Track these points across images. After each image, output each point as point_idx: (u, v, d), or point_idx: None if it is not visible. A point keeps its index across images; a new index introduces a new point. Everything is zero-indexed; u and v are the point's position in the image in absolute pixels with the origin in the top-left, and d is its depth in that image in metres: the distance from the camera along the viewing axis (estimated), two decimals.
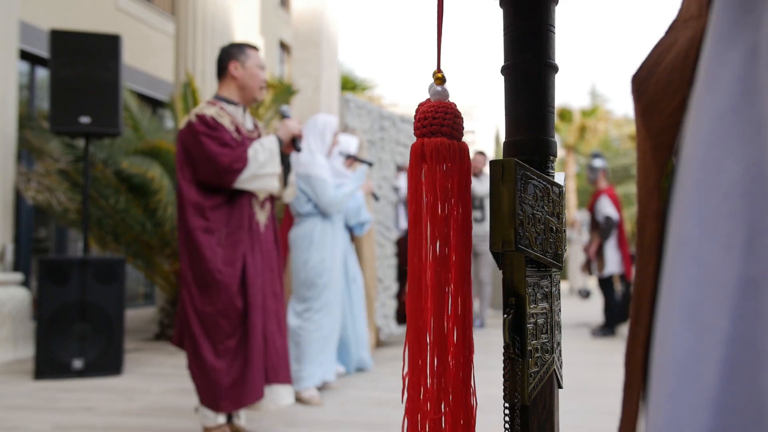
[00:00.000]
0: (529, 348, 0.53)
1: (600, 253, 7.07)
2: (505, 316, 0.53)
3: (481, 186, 7.49)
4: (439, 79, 0.60)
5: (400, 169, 5.38)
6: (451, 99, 0.61)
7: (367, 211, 4.58)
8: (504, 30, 0.58)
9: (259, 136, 3.04)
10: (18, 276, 5.40)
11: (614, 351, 5.96)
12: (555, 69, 0.58)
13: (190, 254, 2.78)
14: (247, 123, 3.01)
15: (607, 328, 7.09)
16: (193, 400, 3.69)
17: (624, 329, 7.43)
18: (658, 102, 0.42)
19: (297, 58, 9.07)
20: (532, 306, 0.53)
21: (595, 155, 7.40)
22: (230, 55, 2.97)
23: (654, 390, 0.37)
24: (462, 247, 0.55)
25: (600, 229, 7.06)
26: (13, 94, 5.48)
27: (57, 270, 4.55)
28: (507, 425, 0.53)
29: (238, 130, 2.90)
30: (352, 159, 4.26)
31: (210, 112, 2.85)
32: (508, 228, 0.52)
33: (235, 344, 2.75)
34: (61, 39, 4.71)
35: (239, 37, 9.93)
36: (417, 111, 0.60)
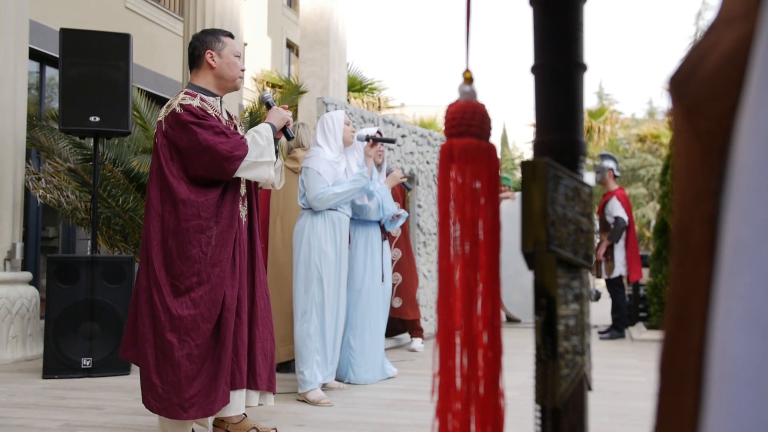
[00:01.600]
0: (560, 350, 0.52)
1: (609, 255, 7.05)
2: (537, 317, 0.53)
3: None
4: (468, 78, 0.59)
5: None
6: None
7: (394, 205, 4.51)
8: (533, 29, 0.58)
9: (236, 127, 2.91)
10: (27, 275, 5.42)
11: (622, 353, 5.94)
12: (584, 68, 0.58)
13: (166, 254, 2.61)
14: (224, 114, 2.88)
15: (615, 330, 7.07)
16: None
17: (633, 332, 7.40)
18: (704, 103, 0.41)
19: (304, 58, 9.08)
20: (563, 307, 0.53)
21: (605, 156, 7.38)
22: (205, 43, 2.83)
23: (714, 399, 0.36)
24: (491, 248, 0.55)
25: (610, 230, 7.04)
26: (23, 93, 5.49)
27: (66, 269, 4.56)
28: (539, 428, 0.52)
29: (219, 120, 2.77)
30: (372, 141, 4.14)
31: (194, 102, 2.70)
32: (540, 228, 0.52)
33: (207, 349, 2.61)
34: (71, 38, 4.72)
35: (247, 37, 9.95)
36: (446, 111, 0.60)
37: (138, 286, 2.70)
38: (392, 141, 4.33)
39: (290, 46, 15.46)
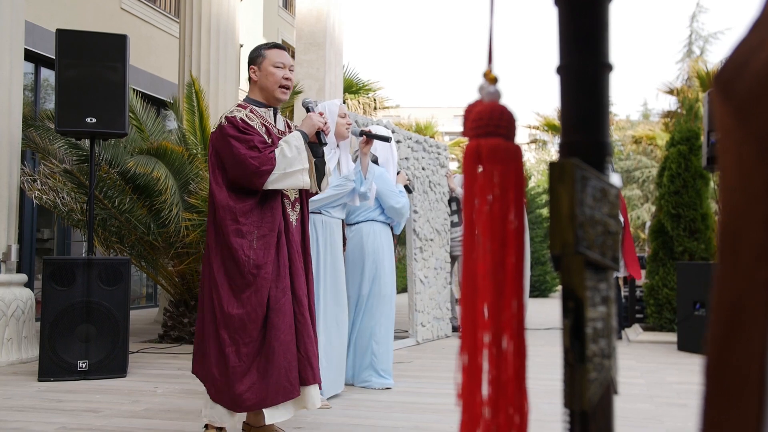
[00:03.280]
0: (588, 353, 0.52)
1: None
2: (565, 320, 0.52)
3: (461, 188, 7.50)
4: (492, 79, 0.58)
5: None
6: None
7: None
8: (558, 29, 0.57)
9: None
10: (22, 277, 5.39)
11: (620, 355, 5.94)
12: (610, 68, 0.57)
13: (222, 257, 2.79)
14: (279, 124, 3.02)
15: None
16: (198, 402, 3.67)
17: (630, 333, 7.40)
18: (756, 104, 0.40)
19: (300, 60, 9.06)
20: (591, 310, 0.52)
21: None
22: (250, 60, 3.03)
23: None
24: (518, 249, 0.54)
25: None
26: (19, 95, 5.46)
27: (62, 271, 4.53)
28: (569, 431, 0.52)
29: (268, 131, 2.91)
30: (366, 137, 3.95)
31: (240, 114, 2.87)
32: (568, 230, 0.51)
33: (257, 347, 2.77)
34: (67, 39, 4.70)
35: (242, 38, 9.93)
36: (470, 111, 0.59)
37: (202, 291, 2.91)
38: (387, 139, 4.18)
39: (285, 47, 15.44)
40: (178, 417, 3.41)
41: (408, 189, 4.62)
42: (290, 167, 2.80)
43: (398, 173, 4.63)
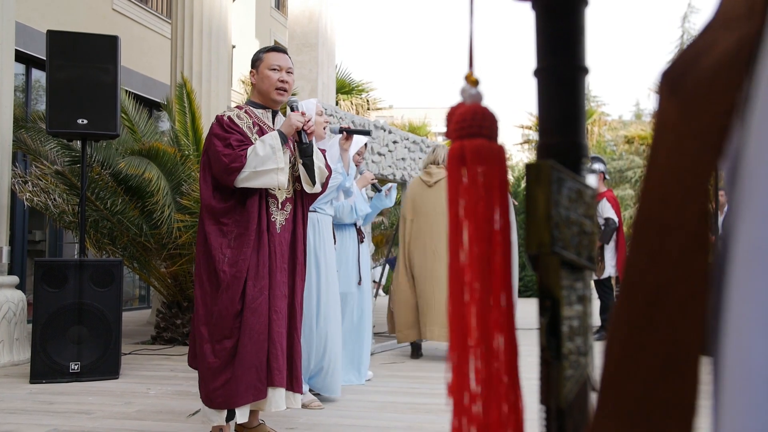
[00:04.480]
0: (565, 351, 0.53)
1: (599, 256, 7.10)
2: (541, 319, 0.53)
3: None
4: (473, 81, 0.59)
5: None
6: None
7: (365, 205, 4.43)
8: (536, 33, 0.58)
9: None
10: (14, 278, 5.37)
11: None
12: (586, 71, 0.58)
13: (204, 254, 2.85)
14: (278, 126, 3.03)
15: (604, 331, 7.11)
16: (191, 403, 3.68)
17: None
18: (701, 101, 0.41)
19: (293, 61, 9.07)
20: (567, 308, 0.54)
21: (594, 158, 7.43)
22: (251, 64, 3.09)
23: (730, 401, 0.37)
24: (504, 249, 0.55)
25: (600, 231, 7.09)
26: (9, 96, 5.45)
27: (54, 272, 4.52)
28: (544, 429, 0.53)
29: (261, 131, 2.95)
30: (346, 134, 3.90)
31: (230, 113, 2.95)
32: (544, 230, 0.53)
33: (232, 345, 2.80)
34: (58, 40, 4.69)
35: (235, 40, 9.92)
36: (453, 113, 0.60)
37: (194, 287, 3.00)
38: (368, 133, 4.14)
39: None
40: (171, 418, 3.41)
41: (376, 188, 4.56)
42: (262, 166, 2.78)
43: (362, 173, 4.54)
